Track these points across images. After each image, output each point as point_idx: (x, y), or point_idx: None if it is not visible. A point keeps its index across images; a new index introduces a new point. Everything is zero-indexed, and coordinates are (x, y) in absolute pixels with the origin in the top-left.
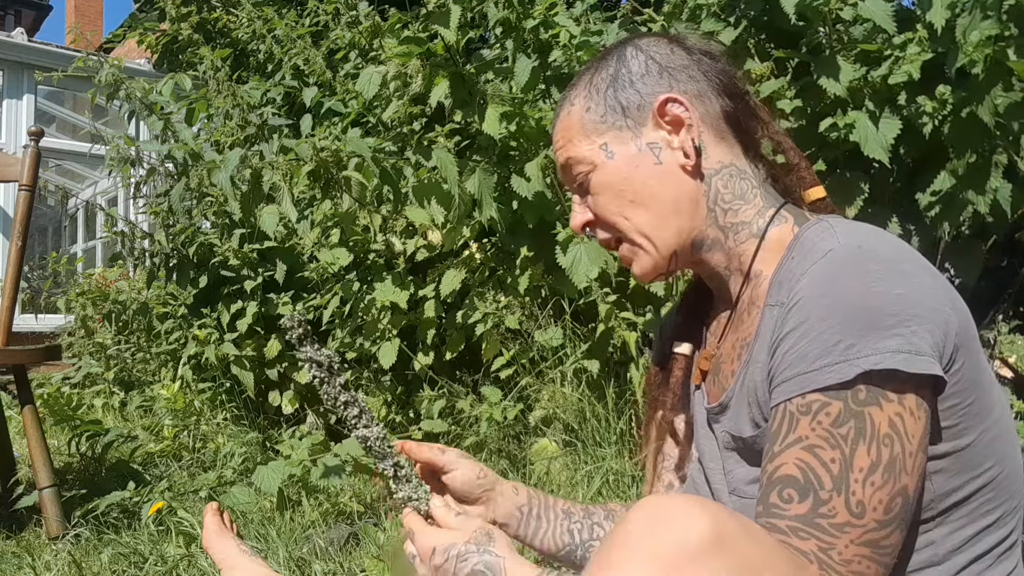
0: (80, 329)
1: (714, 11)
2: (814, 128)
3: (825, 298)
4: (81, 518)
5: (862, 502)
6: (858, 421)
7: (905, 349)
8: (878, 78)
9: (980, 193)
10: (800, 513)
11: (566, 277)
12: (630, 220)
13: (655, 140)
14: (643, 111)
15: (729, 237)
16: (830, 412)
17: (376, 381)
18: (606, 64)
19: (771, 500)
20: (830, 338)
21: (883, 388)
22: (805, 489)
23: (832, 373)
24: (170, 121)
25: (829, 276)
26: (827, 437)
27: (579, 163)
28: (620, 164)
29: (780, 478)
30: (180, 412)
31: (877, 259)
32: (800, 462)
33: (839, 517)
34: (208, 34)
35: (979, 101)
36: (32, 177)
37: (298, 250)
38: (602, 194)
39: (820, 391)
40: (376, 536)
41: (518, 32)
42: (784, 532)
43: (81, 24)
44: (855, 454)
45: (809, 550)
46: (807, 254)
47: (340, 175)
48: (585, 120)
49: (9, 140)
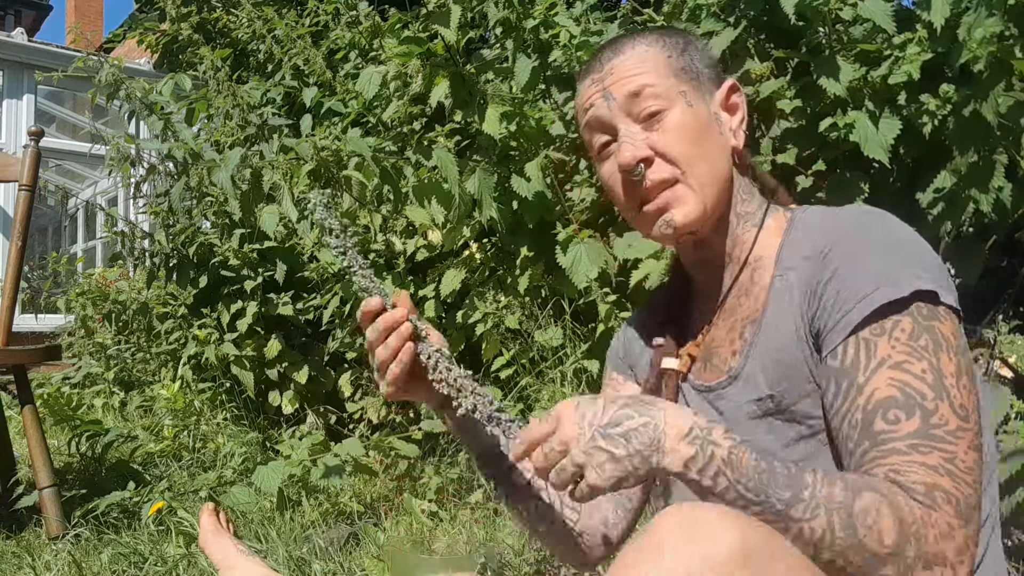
0: (80, 329)
1: (714, 11)
2: (814, 128)
3: (860, 238)
4: (81, 518)
5: (964, 405)
6: (931, 334)
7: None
8: (878, 78)
9: (983, 191)
10: (913, 429)
11: (566, 277)
12: (697, 168)
13: (718, 114)
14: (712, 84)
15: (739, 224)
16: (904, 328)
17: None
18: (672, 33)
19: (876, 428)
20: (875, 265)
21: (935, 306)
22: (909, 404)
23: (889, 290)
24: (170, 121)
25: (857, 223)
26: (910, 351)
27: (657, 96)
28: (699, 115)
29: (879, 402)
30: (180, 412)
31: (885, 214)
32: (894, 381)
33: (951, 423)
34: (208, 34)
35: (983, 99)
36: (32, 177)
37: (298, 250)
38: (678, 133)
39: (884, 308)
40: (376, 536)
41: (518, 32)
42: (904, 452)
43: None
44: (941, 362)
45: (936, 463)
46: (812, 226)
47: (340, 175)
48: (667, 63)
49: (9, 140)
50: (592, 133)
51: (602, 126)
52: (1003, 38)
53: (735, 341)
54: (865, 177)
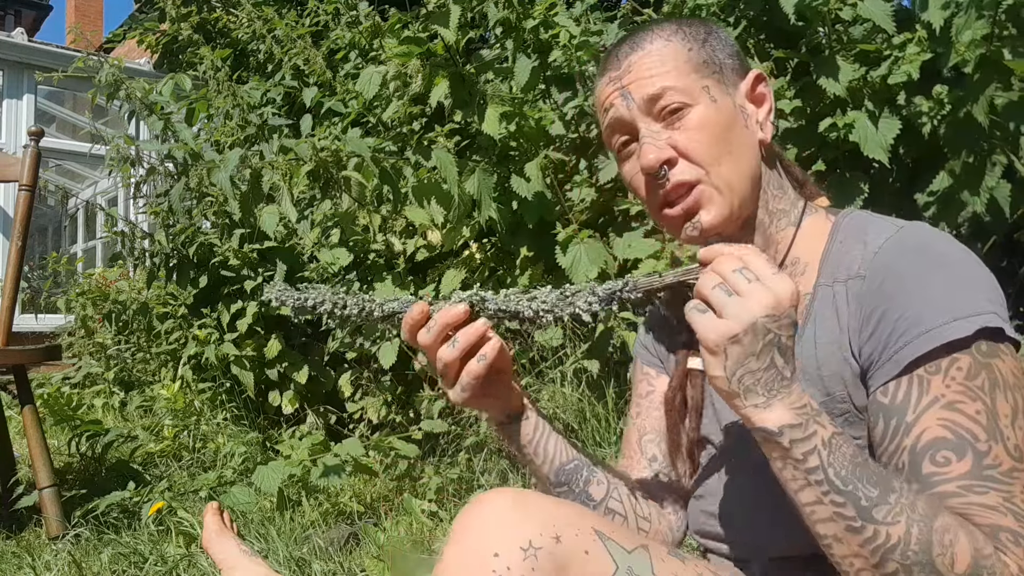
0: (80, 329)
1: (714, 11)
2: (814, 128)
3: (920, 264)
4: (81, 518)
5: (1018, 446)
6: (989, 372)
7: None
8: (877, 78)
9: (974, 193)
10: (965, 471)
11: (566, 277)
12: (722, 167)
13: (744, 107)
14: (736, 75)
15: (773, 223)
16: (961, 367)
17: (376, 381)
18: (693, 23)
19: (925, 471)
20: (940, 298)
21: (997, 343)
22: (960, 446)
23: (954, 328)
24: (170, 121)
25: (914, 246)
26: (964, 390)
27: (679, 93)
28: (723, 111)
29: (928, 443)
30: (180, 412)
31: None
32: (944, 421)
33: (1004, 464)
34: (208, 34)
35: (974, 100)
36: (32, 177)
37: (298, 250)
38: (702, 131)
39: (945, 346)
40: (376, 536)
41: (518, 32)
42: (959, 494)
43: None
44: (996, 402)
45: (996, 504)
46: (859, 236)
47: (340, 175)
48: (688, 57)
49: (9, 140)
50: (612, 133)
51: (622, 126)
52: (994, 39)
53: None
54: (865, 177)
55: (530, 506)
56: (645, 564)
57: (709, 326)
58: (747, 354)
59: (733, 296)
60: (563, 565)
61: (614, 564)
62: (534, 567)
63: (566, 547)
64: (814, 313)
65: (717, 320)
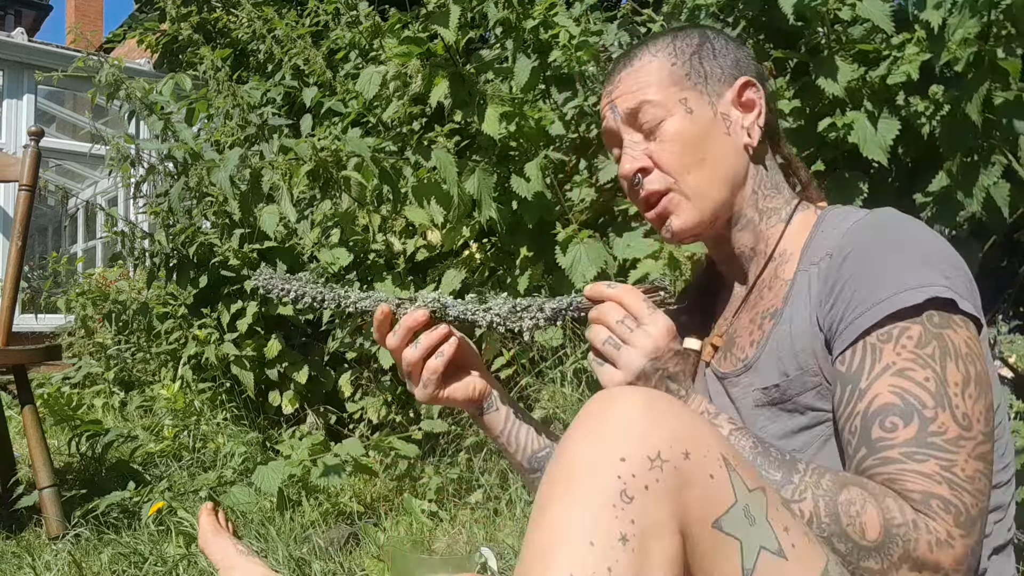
0: (80, 329)
1: (713, 11)
2: (813, 128)
3: (879, 241)
4: (81, 518)
5: (967, 414)
6: (940, 341)
7: (954, 289)
8: (876, 78)
9: (968, 194)
10: (910, 436)
11: (566, 277)
12: (692, 175)
13: (728, 114)
14: (723, 84)
15: (763, 220)
16: (912, 335)
17: (376, 381)
18: (689, 34)
19: (874, 435)
20: (894, 270)
21: (950, 314)
22: (907, 412)
23: (905, 296)
24: (170, 121)
25: (877, 225)
26: (914, 358)
27: (656, 107)
28: (697, 121)
29: (878, 409)
30: (180, 412)
31: (914, 220)
32: (895, 388)
33: (950, 431)
34: (208, 34)
35: (967, 99)
36: (32, 177)
37: (298, 250)
38: (672, 142)
39: (894, 315)
40: (376, 536)
41: (518, 32)
42: (899, 460)
43: (81, 24)
44: (946, 370)
45: (932, 472)
46: (837, 224)
47: (339, 175)
48: (670, 71)
49: (9, 140)
50: (609, 144)
51: (612, 137)
52: (988, 38)
53: (754, 332)
54: (864, 177)
55: (665, 413)
56: (761, 506)
57: (608, 378)
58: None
59: (621, 348)
60: (686, 482)
61: (734, 497)
62: (658, 479)
63: (693, 465)
64: (792, 297)
65: (614, 372)
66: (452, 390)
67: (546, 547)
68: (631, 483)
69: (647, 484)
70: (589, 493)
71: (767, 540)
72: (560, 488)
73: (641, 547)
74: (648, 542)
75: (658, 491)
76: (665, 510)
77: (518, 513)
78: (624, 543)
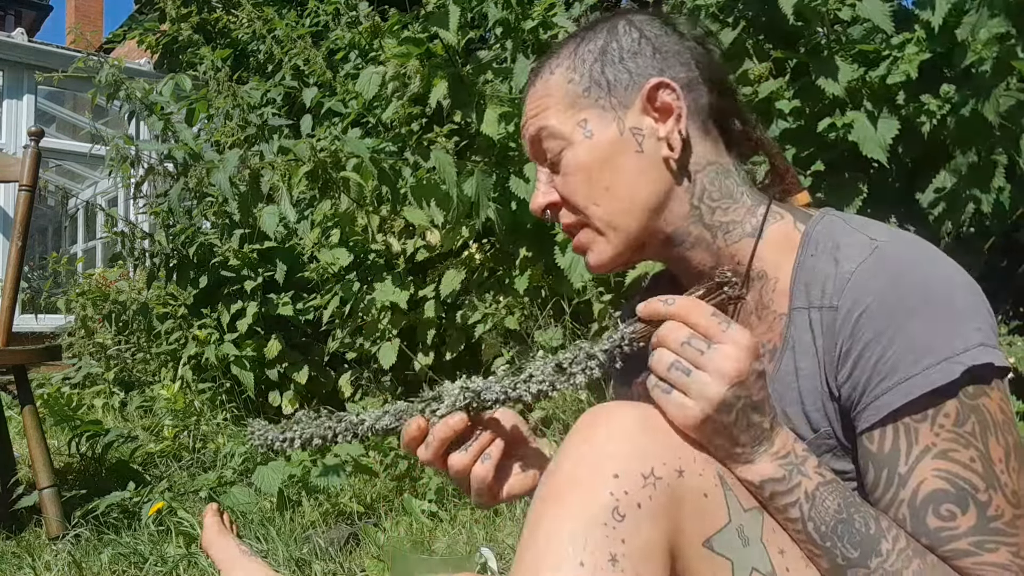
0: (80, 329)
1: (712, 11)
2: (813, 128)
3: (897, 297)
4: (81, 518)
5: (1016, 491)
6: (977, 415)
7: (987, 342)
8: (876, 78)
9: (984, 191)
10: (972, 524)
11: (564, 277)
12: (600, 207)
13: (639, 126)
14: (630, 92)
15: (718, 236)
16: (948, 413)
17: (376, 381)
18: (595, 35)
19: (932, 525)
20: (921, 337)
21: (983, 381)
22: (962, 498)
23: (938, 373)
24: (170, 121)
25: (891, 274)
26: (955, 438)
27: (552, 136)
28: (598, 145)
29: (927, 496)
30: (180, 412)
31: (925, 253)
32: (940, 472)
33: (1007, 514)
34: (208, 34)
35: (985, 98)
36: (32, 177)
37: (298, 250)
38: (574, 175)
39: (930, 394)
40: (376, 536)
41: (517, 32)
42: (972, 552)
43: (81, 24)
44: (989, 447)
45: (1007, 562)
46: (831, 251)
47: (338, 176)
48: (567, 91)
49: (9, 140)
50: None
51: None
52: (1006, 38)
53: None
54: (864, 177)
55: (660, 430)
56: (756, 527)
57: (679, 413)
58: (723, 426)
59: (692, 373)
60: (679, 500)
61: (728, 516)
62: (651, 496)
63: (687, 483)
64: (792, 340)
65: (685, 402)
66: (511, 487)
67: (537, 567)
68: (624, 500)
69: (640, 502)
70: (581, 511)
71: (760, 562)
72: (552, 505)
73: (632, 567)
74: (639, 563)
75: (651, 509)
76: (657, 529)
77: (518, 513)
78: (614, 564)
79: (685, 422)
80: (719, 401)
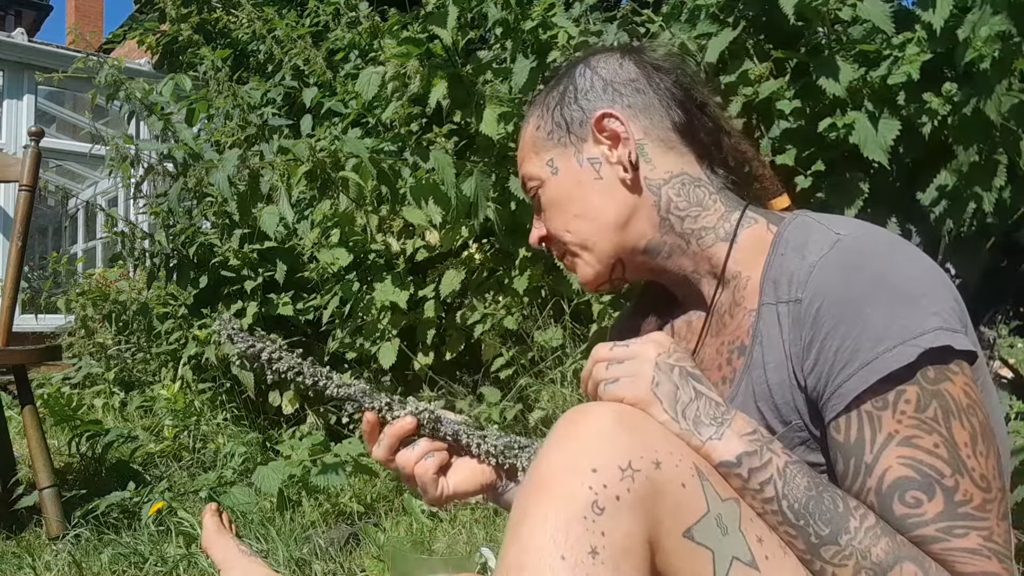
0: (80, 329)
1: (712, 11)
2: (813, 129)
3: (854, 285)
4: (81, 518)
5: (984, 475)
6: (939, 399)
7: (946, 326)
8: (877, 78)
9: (986, 190)
10: (939, 510)
11: (564, 277)
12: (572, 233)
13: (595, 155)
14: (584, 127)
15: (692, 243)
16: (910, 399)
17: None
18: (558, 82)
19: (899, 513)
20: (878, 324)
21: (945, 364)
22: (927, 484)
23: (895, 356)
24: (170, 121)
25: (851, 265)
26: (917, 423)
27: (531, 179)
28: (564, 179)
29: (892, 484)
30: (180, 412)
31: (887, 242)
32: (905, 459)
33: (976, 499)
34: (208, 34)
35: (987, 97)
36: (32, 177)
37: (298, 250)
38: (549, 209)
39: (887, 378)
40: (376, 536)
41: (517, 33)
42: (940, 538)
43: (81, 24)
44: (952, 431)
45: (977, 546)
46: (799, 248)
47: (337, 176)
48: (536, 137)
49: (9, 140)
50: None
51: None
52: (1007, 37)
53: (723, 366)
54: (864, 177)
55: (636, 426)
56: (734, 517)
57: (632, 388)
58: (672, 389)
59: (624, 362)
60: (658, 492)
61: (706, 506)
62: (630, 488)
63: (664, 475)
64: (761, 335)
65: (633, 378)
66: (458, 484)
67: (519, 563)
68: (603, 494)
69: (618, 494)
70: (560, 506)
71: (740, 550)
72: (532, 502)
73: (612, 560)
74: (619, 555)
75: (629, 501)
76: (637, 521)
77: None
78: (594, 557)
79: (639, 392)
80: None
